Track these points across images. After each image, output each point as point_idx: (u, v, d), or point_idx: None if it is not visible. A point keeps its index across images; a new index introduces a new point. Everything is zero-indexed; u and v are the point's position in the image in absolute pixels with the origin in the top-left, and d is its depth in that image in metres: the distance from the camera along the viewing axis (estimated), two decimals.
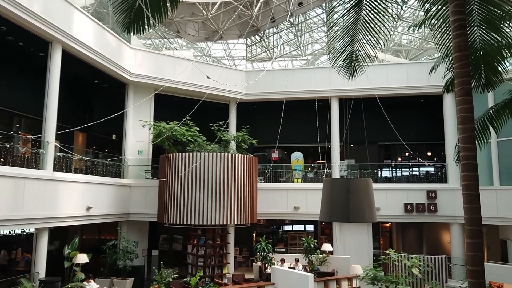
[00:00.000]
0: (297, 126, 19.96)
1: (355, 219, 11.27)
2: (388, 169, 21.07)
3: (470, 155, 5.04)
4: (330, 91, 18.81)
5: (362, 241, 17.63)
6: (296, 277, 12.99)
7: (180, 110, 16.61)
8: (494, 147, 16.16)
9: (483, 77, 9.51)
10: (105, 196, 15.41)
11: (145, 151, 18.08)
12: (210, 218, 14.74)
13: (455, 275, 15.69)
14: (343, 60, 10.09)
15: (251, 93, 19.60)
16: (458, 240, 16.80)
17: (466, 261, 5.14)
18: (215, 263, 15.66)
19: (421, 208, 17.25)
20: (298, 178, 19.26)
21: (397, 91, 18.41)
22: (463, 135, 5.10)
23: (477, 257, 4.88)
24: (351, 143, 19.15)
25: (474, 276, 4.83)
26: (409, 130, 19.07)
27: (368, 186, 10.98)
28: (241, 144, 17.60)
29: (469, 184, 5.02)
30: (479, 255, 4.92)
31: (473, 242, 4.91)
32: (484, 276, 4.92)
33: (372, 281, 14.08)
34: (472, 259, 4.90)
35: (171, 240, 19.78)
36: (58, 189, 12.95)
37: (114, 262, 14.93)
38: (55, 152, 13.25)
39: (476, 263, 4.84)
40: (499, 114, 9.48)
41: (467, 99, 5.13)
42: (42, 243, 12.45)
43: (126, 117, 17.68)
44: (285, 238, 21.19)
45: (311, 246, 15.90)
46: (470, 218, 5.00)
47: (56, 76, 13.22)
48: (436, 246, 20.07)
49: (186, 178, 14.97)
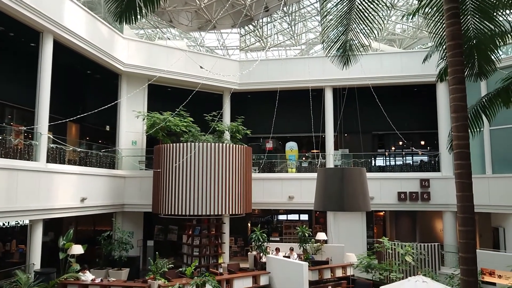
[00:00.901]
0: (291, 116, 19.96)
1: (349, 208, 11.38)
2: (382, 158, 21.17)
3: (463, 144, 5.07)
4: (324, 81, 18.81)
5: (356, 230, 17.78)
6: (291, 266, 13.11)
7: (174, 100, 16.56)
8: (486, 136, 16.29)
9: (476, 66, 9.54)
10: (99, 187, 15.39)
11: (139, 142, 18.02)
12: (205, 208, 14.78)
13: (447, 262, 15.90)
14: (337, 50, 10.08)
15: (245, 83, 19.54)
16: (450, 228, 16.99)
17: (459, 248, 5.20)
18: (210, 253, 15.74)
19: (414, 197, 17.40)
20: (292, 168, 19.32)
21: (390, 80, 18.44)
22: (456, 124, 5.13)
23: (469, 244, 4.93)
24: (345, 133, 19.21)
25: (467, 263, 4.89)
26: (402, 119, 19.14)
27: (362, 175, 11.08)
28: (235, 135, 17.59)
29: (461, 173, 5.05)
30: (472, 243, 4.98)
31: (466, 229, 4.96)
32: (476, 263, 4.98)
33: (366, 269, 14.25)
34: (464, 246, 4.96)
35: (166, 230, 19.82)
36: (52, 180, 12.90)
37: (109, 253, 14.95)
38: (48, 143, 13.18)
39: (469, 250, 4.90)
40: (492, 102, 9.54)
41: (460, 88, 5.15)
42: (36, 235, 12.44)
43: (119, 108, 17.59)
44: (280, 228, 21.30)
45: (305, 235, 16.01)
46: (463, 206, 5.05)
47: (48, 66, 13.10)
48: (429, 234, 20.28)
49: (181, 169, 14.96)
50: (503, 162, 15.95)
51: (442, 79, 10.75)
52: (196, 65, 16.94)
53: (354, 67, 11.61)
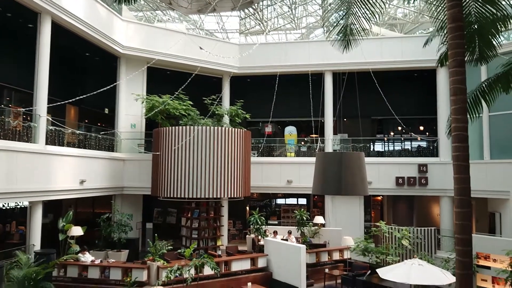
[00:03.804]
0: (290, 100, 19.93)
1: (347, 192, 11.50)
2: (380, 143, 21.22)
3: (462, 126, 5.10)
4: (324, 65, 18.72)
5: (354, 214, 17.92)
6: (289, 249, 13.24)
7: (173, 84, 16.49)
8: (485, 121, 16.31)
9: (477, 51, 9.51)
10: (98, 169, 15.43)
11: (138, 125, 18.02)
12: (203, 191, 14.85)
13: (443, 246, 16.09)
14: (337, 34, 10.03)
15: (244, 66, 19.45)
16: (447, 213, 17.13)
17: (455, 230, 5.28)
18: (209, 235, 15.86)
19: (412, 182, 17.50)
20: (291, 152, 19.37)
21: (391, 65, 18.36)
22: (455, 106, 5.15)
23: (465, 225, 5.00)
24: (344, 118, 19.21)
25: (462, 244, 4.97)
26: (402, 104, 19.15)
27: (361, 160, 11.17)
28: (234, 118, 17.57)
29: (459, 155, 5.10)
30: (467, 224, 5.05)
31: (462, 211, 5.02)
32: (471, 244, 5.06)
33: (363, 253, 14.42)
34: (460, 227, 5.03)
35: (165, 213, 19.96)
36: (51, 162, 12.93)
37: (109, 234, 15.07)
38: (47, 125, 13.16)
39: (464, 231, 4.97)
40: (492, 88, 9.52)
41: (460, 71, 5.16)
42: (36, 216, 12.52)
43: (118, 90, 17.53)
44: (278, 211, 21.45)
45: (303, 218, 16.13)
46: (460, 188, 5.11)
47: (46, 48, 13.01)
48: (426, 218, 20.46)
49: (180, 152, 14.99)
50: (501, 148, 16.00)
51: (442, 64, 10.70)
52: (196, 48, 16.80)
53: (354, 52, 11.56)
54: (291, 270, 12.78)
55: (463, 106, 5.07)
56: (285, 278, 12.98)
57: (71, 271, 12.23)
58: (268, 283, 13.27)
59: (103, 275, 12.13)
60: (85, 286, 11.70)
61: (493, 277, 13.43)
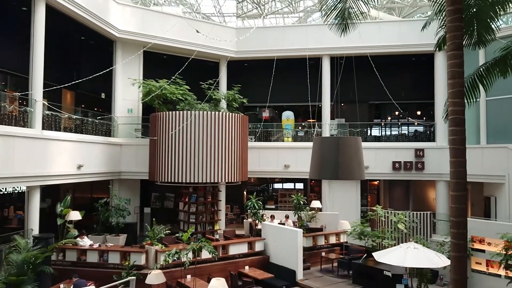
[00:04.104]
0: (288, 85, 19.84)
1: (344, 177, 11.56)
2: (377, 128, 21.23)
3: (459, 110, 5.11)
4: (322, 49, 18.60)
5: (351, 198, 18.03)
6: (286, 233, 13.35)
7: (170, 68, 16.39)
8: (482, 106, 16.33)
9: (475, 35, 9.46)
10: (95, 154, 15.41)
11: (135, 110, 17.95)
12: (201, 176, 14.89)
13: (439, 230, 16.23)
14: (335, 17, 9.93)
15: (241, 51, 19.30)
16: (443, 197, 17.25)
17: (450, 213, 5.32)
18: (207, 220, 15.98)
19: (408, 166, 17.57)
20: (288, 137, 19.39)
21: (389, 49, 18.26)
22: (453, 90, 5.14)
23: (460, 209, 5.05)
24: (341, 102, 19.17)
25: (457, 226, 5.02)
26: (399, 89, 19.11)
27: (357, 145, 11.19)
28: (231, 103, 17.51)
29: (455, 139, 5.11)
30: (463, 207, 5.09)
31: (457, 194, 5.06)
32: (466, 227, 5.12)
33: (359, 236, 14.54)
34: (456, 210, 5.08)
35: (163, 198, 20.02)
36: (48, 147, 12.90)
37: (107, 219, 15.13)
38: (43, 110, 13.09)
39: (460, 214, 5.02)
40: (489, 72, 9.48)
41: (458, 54, 5.14)
42: (34, 201, 12.54)
43: (114, 75, 17.42)
44: (275, 196, 21.55)
45: (300, 203, 16.23)
46: (456, 171, 5.14)
47: (41, 32, 12.87)
48: (422, 203, 20.61)
49: (177, 137, 14.98)
50: (498, 133, 16.06)
51: (440, 48, 10.63)
52: (192, 32, 16.67)
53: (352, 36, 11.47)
54: (288, 253, 12.91)
55: (461, 89, 5.06)
56: (282, 262, 13.12)
57: (70, 255, 12.33)
58: (265, 266, 13.42)
59: (102, 259, 12.23)
60: (84, 270, 11.78)
61: (487, 260, 13.62)
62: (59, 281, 10.80)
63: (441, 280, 14.28)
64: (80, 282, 10.02)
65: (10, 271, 9.99)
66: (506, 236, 11.39)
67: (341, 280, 12.50)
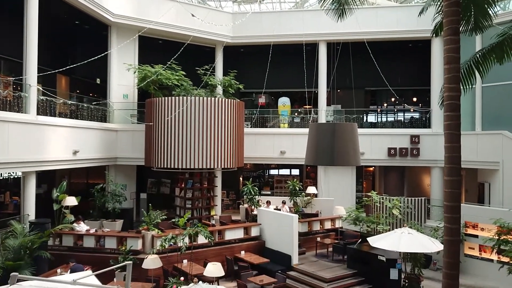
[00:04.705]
0: (284, 71, 19.78)
1: (339, 163, 11.62)
2: (373, 115, 21.27)
3: (454, 95, 5.12)
4: (318, 35, 18.50)
5: (346, 184, 18.14)
6: (282, 218, 13.44)
7: (166, 53, 16.27)
8: (478, 93, 16.37)
9: (472, 20, 9.44)
10: (91, 140, 15.37)
11: (130, 96, 17.86)
12: (197, 161, 14.91)
13: (433, 216, 16.40)
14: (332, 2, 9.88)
15: (238, 36, 19.17)
16: (438, 183, 17.38)
17: (444, 197, 5.37)
18: (203, 205, 16.05)
19: (404, 153, 17.65)
20: (284, 123, 19.39)
21: (385, 35, 18.19)
22: (448, 75, 5.15)
23: (454, 193, 5.09)
24: (337, 88, 19.17)
25: (451, 211, 5.08)
26: (396, 75, 19.09)
27: (353, 131, 11.23)
28: (227, 89, 17.45)
29: (450, 124, 5.13)
30: (456, 192, 5.14)
31: (451, 179, 5.10)
32: (459, 211, 5.17)
33: (354, 222, 14.67)
34: (449, 195, 5.12)
35: (159, 183, 20.06)
36: (43, 133, 12.84)
37: (103, 204, 15.16)
38: (38, 95, 13.00)
39: (453, 199, 5.07)
40: (486, 58, 9.47)
41: (455, 39, 5.13)
42: (30, 187, 12.53)
43: (110, 60, 17.28)
44: (271, 182, 21.65)
45: (296, 189, 16.32)
46: (450, 156, 5.17)
47: (34, 16, 12.70)
48: (417, 188, 20.77)
49: (173, 123, 14.94)
50: (493, 119, 16.13)
51: (437, 34, 10.60)
52: (188, 17, 16.50)
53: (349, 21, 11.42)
54: (283, 238, 13.02)
55: (457, 75, 5.06)
56: (277, 247, 13.24)
57: (67, 240, 12.37)
58: (261, 251, 13.54)
59: (98, 244, 12.28)
60: (81, 254, 11.83)
61: (480, 245, 13.82)
62: (56, 266, 10.87)
63: (435, 265, 14.49)
64: (77, 267, 10.08)
65: (7, 256, 10.04)
66: (499, 222, 11.54)
67: (336, 265, 12.64)
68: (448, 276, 5.77)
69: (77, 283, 4.99)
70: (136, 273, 9.80)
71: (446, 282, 5.93)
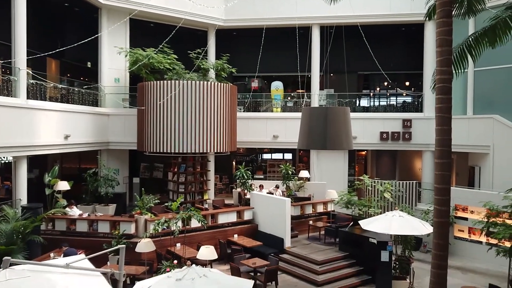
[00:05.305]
0: (277, 55, 19.65)
1: (332, 147, 11.65)
2: (366, 99, 21.30)
3: (446, 78, 5.13)
4: (311, 18, 18.35)
5: (338, 168, 18.23)
6: (274, 202, 13.53)
7: (157, 37, 16.06)
8: (470, 77, 16.41)
9: (465, 4, 9.42)
10: (83, 124, 15.26)
11: (122, 79, 17.67)
12: (190, 146, 14.89)
13: (424, 199, 16.58)
14: None
15: (230, 19, 18.95)
16: (429, 167, 17.51)
17: (434, 180, 5.42)
18: (196, 189, 16.08)
19: (396, 136, 17.75)
20: (277, 107, 19.35)
21: (379, 18, 18.09)
22: (440, 58, 5.15)
23: (444, 176, 5.15)
24: (330, 73, 19.11)
25: (441, 193, 5.13)
26: (389, 59, 19.04)
27: (346, 115, 11.24)
28: (220, 73, 17.33)
29: (442, 107, 5.16)
30: (447, 174, 5.20)
31: (442, 162, 5.15)
32: (449, 193, 5.24)
33: (346, 205, 14.80)
34: (440, 178, 5.18)
35: (152, 168, 20.03)
36: (34, 117, 12.71)
37: (96, 189, 15.14)
38: (27, 79, 12.83)
39: (443, 181, 5.12)
40: (478, 42, 9.49)
41: (447, 21, 5.11)
42: (21, 171, 12.45)
43: (100, 43, 17.03)
44: (264, 166, 21.71)
45: (289, 173, 16.39)
46: (441, 139, 5.21)
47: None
48: (408, 172, 20.96)
49: (165, 107, 14.86)
50: (484, 103, 16.22)
51: (430, 17, 10.59)
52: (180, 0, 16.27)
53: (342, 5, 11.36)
54: (276, 222, 13.12)
55: (449, 57, 5.07)
56: (270, 230, 13.35)
57: (59, 225, 12.38)
58: (254, 234, 13.65)
59: (92, 228, 12.31)
60: (74, 239, 11.85)
61: (470, 228, 14.05)
62: (49, 250, 10.90)
63: (425, 247, 14.72)
64: (71, 251, 10.11)
65: (0, 240, 10.03)
66: (489, 204, 11.69)
67: (328, 248, 12.79)
68: (437, 257, 5.87)
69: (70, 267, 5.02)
70: (129, 256, 9.86)
71: (435, 263, 6.03)
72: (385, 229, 10.31)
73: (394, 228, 10.23)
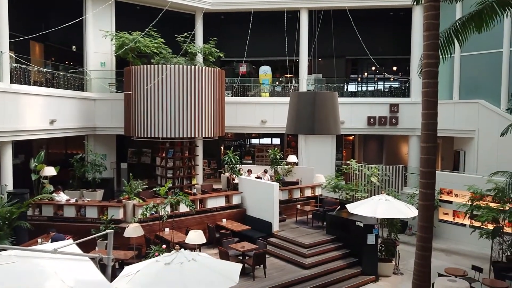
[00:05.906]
0: (265, 39, 19.53)
1: (320, 131, 11.71)
2: (354, 84, 21.36)
3: (432, 63, 5.17)
4: (300, 1, 18.20)
5: (326, 153, 18.35)
6: (262, 186, 13.60)
7: (144, 20, 15.82)
8: (457, 62, 16.54)
9: None
10: (68, 109, 15.05)
11: (108, 63, 17.40)
12: (177, 131, 14.82)
13: (410, 183, 16.83)
14: None
15: (218, 2, 18.70)
16: (415, 151, 17.72)
17: (420, 163, 5.50)
18: (184, 174, 16.07)
19: (383, 121, 17.89)
20: (265, 92, 19.31)
21: (367, 2, 17.99)
22: (427, 42, 5.17)
23: (429, 159, 5.22)
24: (319, 57, 19.07)
25: (426, 177, 5.22)
26: (377, 44, 19.07)
27: (334, 100, 11.27)
28: (208, 57, 17.17)
29: (428, 91, 5.20)
30: (432, 158, 5.27)
31: (428, 146, 5.22)
32: (434, 177, 5.32)
33: (334, 189, 14.97)
34: (425, 161, 5.25)
35: (140, 153, 19.93)
36: (18, 102, 12.50)
37: (83, 174, 15.03)
38: (10, 63, 12.57)
39: (429, 165, 5.20)
40: (465, 26, 9.51)
41: (435, 5, 5.13)
42: (6, 157, 12.28)
43: (85, 27, 16.69)
44: (252, 151, 21.75)
45: (277, 157, 16.45)
46: (427, 123, 5.27)
47: None
48: (395, 157, 21.20)
49: (152, 91, 14.72)
50: (470, 88, 16.39)
51: (418, 2, 10.56)
52: None
53: None
54: (264, 206, 13.21)
55: (435, 41, 5.10)
56: (258, 214, 13.44)
57: (46, 210, 12.28)
58: (242, 219, 13.73)
59: (79, 213, 12.24)
60: (62, 224, 11.78)
61: (454, 211, 14.33)
62: (37, 236, 10.81)
63: (410, 230, 15.00)
64: (58, 236, 10.05)
65: None
66: (473, 188, 11.92)
67: (316, 231, 12.94)
68: (422, 239, 6.00)
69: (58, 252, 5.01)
70: (118, 241, 9.84)
71: (419, 245, 6.16)
72: (372, 213, 10.48)
73: (380, 211, 10.40)
